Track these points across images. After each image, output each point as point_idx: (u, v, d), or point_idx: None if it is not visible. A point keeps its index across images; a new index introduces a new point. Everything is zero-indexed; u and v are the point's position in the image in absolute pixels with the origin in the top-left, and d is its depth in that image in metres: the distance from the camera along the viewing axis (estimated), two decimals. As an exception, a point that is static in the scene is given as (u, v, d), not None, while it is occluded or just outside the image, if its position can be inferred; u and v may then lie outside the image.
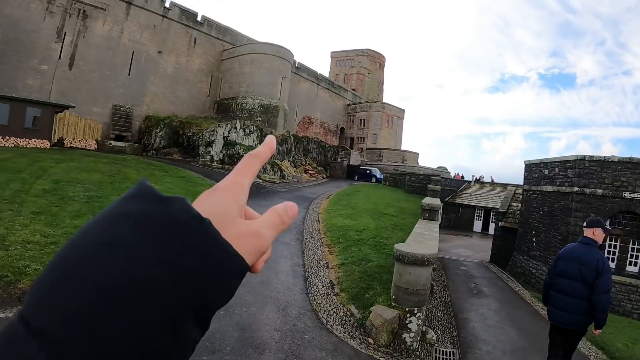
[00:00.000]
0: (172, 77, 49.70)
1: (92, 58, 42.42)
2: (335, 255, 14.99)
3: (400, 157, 69.75)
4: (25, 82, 37.84)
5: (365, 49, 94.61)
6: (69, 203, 15.06)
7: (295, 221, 19.65)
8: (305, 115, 68.76)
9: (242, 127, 43.46)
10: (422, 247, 9.59)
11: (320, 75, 73.01)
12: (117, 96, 44.44)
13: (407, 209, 27.25)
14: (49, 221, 12.66)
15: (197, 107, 51.84)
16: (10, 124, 29.25)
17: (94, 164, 24.09)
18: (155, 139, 44.17)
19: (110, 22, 43.76)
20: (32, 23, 38.46)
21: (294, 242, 16.36)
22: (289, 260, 14.03)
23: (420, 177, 41.61)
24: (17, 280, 8.74)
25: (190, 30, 51.26)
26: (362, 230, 18.60)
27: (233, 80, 51.94)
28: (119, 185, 19.59)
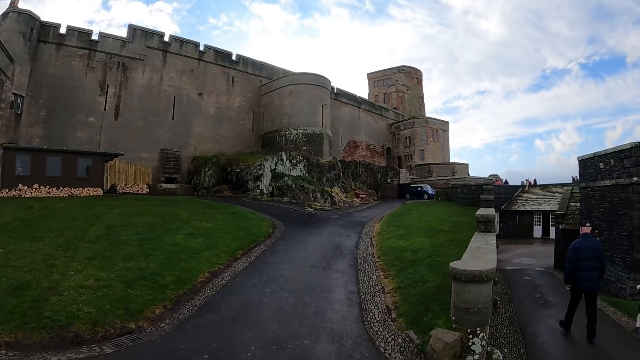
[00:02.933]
0: (215, 116, 50.64)
1: (135, 107, 44.10)
2: (391, 278, 14.26)
3: (450, 170, 68.84)
4: (75, 135, 39.79)
5: (401, 65, 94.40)
6: (122, 246, 15.34)
7: (349, 247, 19.59)
8: (350, 140, 68.66)
9: (288, 159, 43.84)
10: (479, 262, 8.95)
11: (360, 97, 73.10)
12: (164, 140, 45.64)
13: (462, 223, 25.90)
14: (102, 265, 12.92)
15: (242, 143, 52.44)
16: (63, 175, 30.42)
17: (146, 208, 24.51)
18: (205, 178, 44.83)
19: (150, 70, 45.61)
20: (76, 79, 40.71)
21: (347, 269, 15.78)
22: (343, 288, 13.42)
23: (473, 189, 40.30)
24: (69, 324, 8.99)
25: (226, 69, 52.41)
26: (417, 250, 17.73)
27: (274, 114, 52.42)
28: (170, 226, 19.82)
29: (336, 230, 24.57)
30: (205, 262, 14.80)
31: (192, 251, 15.84)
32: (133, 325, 9.37)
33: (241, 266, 15.40)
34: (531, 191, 40.08)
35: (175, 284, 12.14)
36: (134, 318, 9.63)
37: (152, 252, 14.80)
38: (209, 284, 13.00)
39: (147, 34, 46.45)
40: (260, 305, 11.26)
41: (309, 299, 11.92)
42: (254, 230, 21.87)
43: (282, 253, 17.86)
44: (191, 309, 10.83)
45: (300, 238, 21.42)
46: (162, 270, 12.92)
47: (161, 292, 11.32)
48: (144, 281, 11.78)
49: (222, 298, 11.81)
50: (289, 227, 24.65)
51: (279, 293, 12.32)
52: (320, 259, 17.06)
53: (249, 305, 11.21)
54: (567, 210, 28.08)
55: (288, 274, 14.48)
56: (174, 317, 10.15)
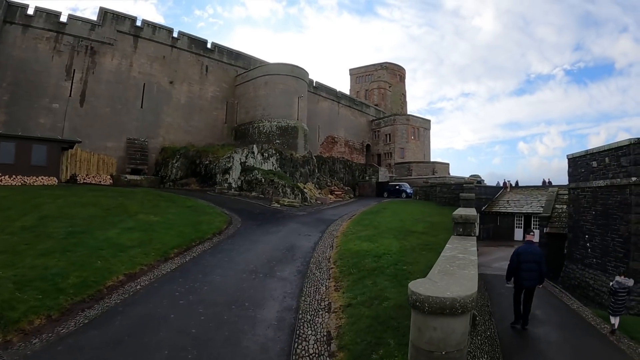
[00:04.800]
0: (186, 106, 49.60)
1: (102, 93, 42.81)
2: (342, 291, 12.27)
3: (431, 169, 67.84)
4: (38, 121, 38.41)
5: (384, 62, 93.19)
6: (43, 240, 14.58)
7: (305, 249, 18.20)
8: (329, 135, 67.82)
9: (259, 152, 42.92)
10: (453, 282, 6.38)
11: (340, 92, 72.05)
12: (131, 129, 44.50)
13: (439, 224, 24.71)
14: (6, 261, 12.17)
15: (214, 135, 51.46)
16: (16, 163, 28.94)
17: (96, 199, 23.71)
18: (172, 170, 43.81)
19: (119, 56, 44.28)
20: (41, 63, 39.29)
21: (293, 277, 13.82)
22: (279, 302, 11.44)
23: (452, 187, 39.36)
24: None
25: (200, 58, 51.32)
26: (382, 255, 15.79)
27: (249, 105, 51.40)
28: (112, 219, 19.08)
29: (297, 228, 23.48)
30: (128, 262, 13.60)
31: (119, 248, 14.83)
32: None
33: (169, 268, 14.15)
34: (513, 192, 39.42)
35: (76, 287, 10.95)
36: (5, 329, 8.55)
37: (72, 248, 13.96)
38: (119, 290, 11.66)
39: (118, 18, 44.83)
40: (162, 322, 9.56)
41: (228, 316, 10.12)
42: (204, 227, 20.73)
43: (224, 254, 16.48)
44: (80, 321, 9.50)
45: (253, 236, 20.18)
46: (69, 270, 11.89)
47: (53, 297, 10.18)
48: (40, 282, 10.79)
49: (123, 309, 10.29)
50: (246, 223, 23.64)
51: (195, 306, 10.60)
52: (265, 262, 15.46)
53: (149, 322, 9.55)
54: (553, 212, 27.29)
55: (218, 281, 12.93)
56: (54, 331, 8.92)
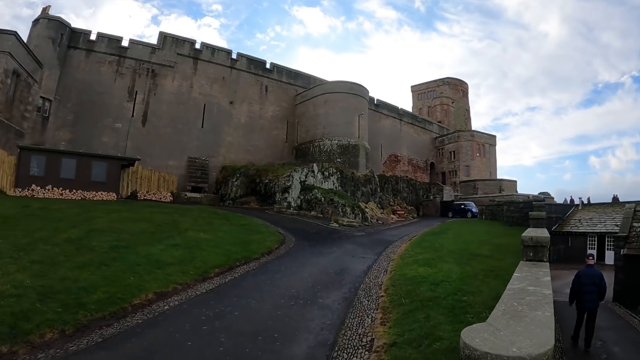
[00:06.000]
0: (247, 126, 50.18)
1: (164, 114, 44.44)
2: (389, 326, 10.31)
3: (497, 186, 65.58)
4: (101, 140, 40.49)
5: (446, 77, 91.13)
6: (84, 253, 14.51)
7: (356, 272, 16.44)
8: (391, 154, 66.72)
9: (320, 170, 42.32)
10: (521, 330, 4.78)
11: (402, 110, 71.03)
12: (192, 149, 45.52)
13: (505, 246, 22.48)
14: (39, 271, 12.03)
15: (275, 154, 51.60)
16: (77, 178, 30.64)
17: (150, 214, 23.88)
18: (232, 188, 44.10)
19: (180, 78, 45.98)
20: (104, 85, 41.68)
21: (337, 305, 12.12)
22: (314, 336, 9.82)
23: (520, 206, 37.53)
24: None
25: (260, 78, 52.00)
26: (440, 282, 13.61)
27: (309, 124, 51.38)
28: (159, 235, 18.87)
29: (352, 250, 21.94)
30: (162, 280, 13.08)
31: (157, 264, 14.42)
32: (5, 348, 8.05)
33: (204, 288, 13.35)
34: (585, 210, 37.24)
35: (100, 303, 10.57)
36: (14, 340, 8.32)
37: (109, 262, 13.75)
38: (144, 309, 11.03)
39: (177, 41, 46.94)
40: (175, 350, 8.73)
41: (250, 349, 8.85)
42: (253, 246, 19.93)
43: (267, 275, 15.44)
44: (93, 340, 9.00)
45: (304, 258, 19.13)
46: (98, 285, 11.61)
47: (73, 312, 9.86)
48: (64, 295, 10.58)
49: (141, 331, 9.56)
50: (299, 243, 22.66)
51: (217, 334, 9.49)
52: (309, 287, 13.93)
53: (162, 349, 8.80)
54: (630, 232, 25.15)
55: (252, 306, 11.73)
56: (63, 347, 8.55)
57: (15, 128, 34.43)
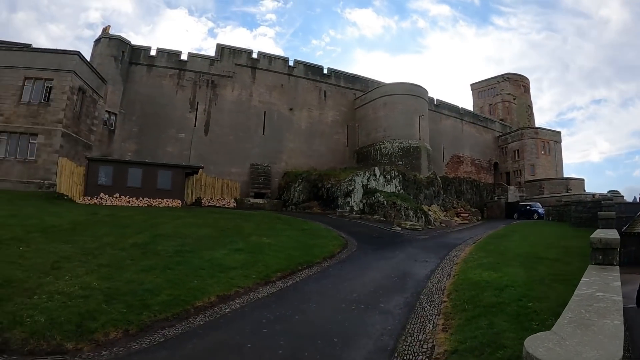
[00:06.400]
0: (307, 131, 50.46)
1: (225, 122, 45.53)
2: (450, 332, 9.87)
3: (564, 186, 62.97)
4: (166, 150, 42.17)
5: (506, 73, 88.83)
6: (149, 257, 14.91)
7: (419, 277, 15.93)
8: (454, 155, 65.25)
9: (381, 174, 41.99)
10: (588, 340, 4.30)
11: (463, 109, 69.44)
12: (254, 155, 46.21)
13: (573, 249, 21.12)
14: (106, 274, 12.43)
15: (336, 158, 51.52)
16: (143, 186, 32.10)
17: (213, 220, 24.31)
18: (294, 193, 44.40)
19: (239, 87, 47.09)
20: (166, 97, 43.63)
21: (398, 310, 11.70)
22: (373, 341, 9.47)
23: (589, 206, 35.19)
24: (7, 328, 8.51)
25: (318, 84, 52.26)
26: (505, 287, 12.81)
27: (369, 127, 50.98)
28: (223, 240, 19.11)
29: (415, 253, 21.31)
30: (224, 283, 13.17)
31: (220, 268, 14.55)
32: (70, 345, 8.35)
33: (266, 292, 13.32)
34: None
35: (163, 305, 10.79)
36: (79, 337, 8.62)
37: (174, 266, 14.03)
38: (207, 311, 11.14)
39: (235, 52, 48.07)
40: (234, 352, 8.73)
41: (308, 353, 8.72)
42: (315, 250, 19.79)
43: (329, 280, 15.22)
44: (156, 339, 9.17)
45: (365, 262, 18.82)
46: (162, 288, 11.86)
47: (137, 312, 10.11)
48: (129, 297, 10.85)
49: (202, 332, 9.72)
50: (361, 247, 22.30)
51: (277, 337, 9.40)
52: (370, 291, 13.58)
53: (221, 350, 8.85)
54: None
55: (313, 310, 11.60)
56: (127, 346, 8.78)
57: (83, 141, 36.64)
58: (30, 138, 32.66)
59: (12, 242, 14.82)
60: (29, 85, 33.58)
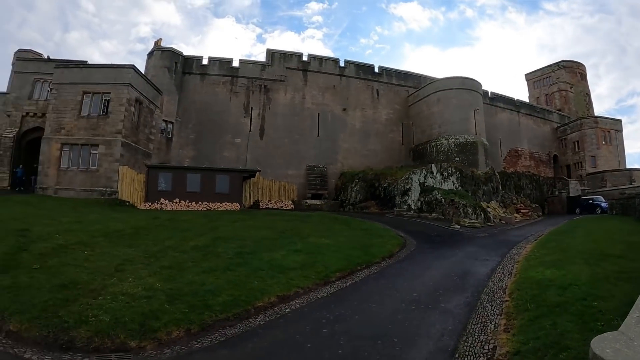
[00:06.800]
0: (361, 131, 50.29)
1: (280, 126, 46.27)
2: (512, 333, 9.44)
3: (627, 177, 59.44)
4: (222, 155, 43.44)
5: (560, 61, 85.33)
6: (210, 259, 15.12)
7: (479, 276, 15.46)
8: (511, 149, 63.50)
9: (438, 171, 41.31)
10: None
11: (519, 101, 67.26)
12: (310, 157, 46.70)
13: (639, 245, 19.73)
14: (168, 275, 12.67)
15: (392, 157, 51.13)
16: (202, 191, 33.27)
17: (272, 222, 24.59)
18: (351, 193, 44.28)
19: (291, 90, 47.76)
20: (220, 104, 44.97)
21: (459, 310, 11.41)
22: (434, 341, 9.26)
23: None
24: (73, 327, 8.81)
25: (370, 83, 52.05)
26: (568, 286, 12.12)
27: (424, 124, 50.39)
28: (282, 242, 19.18)
29: (474, 252, 20.78)
30: (284, 284, 13.17)
31: (279, 269, 14.58)
32: (134, 344, 8.58)
33: (326, 292, 13.24)
34: None
35: (224, 305, 10.88)
36: (143, 336, 8.84)
37: (234, 268, 14.14)
38: (267, 312, 11.18)
39: (285, 56, 48.87)
40: (294, 352, 8.71)
41: (368, 353, 8.56)
42: (374, 250, 19.55)
43: (388, 279, 14.91)
44: (217, 339, 9.31)
45: (425, 261, 18.42)
46: (223, 288, 11.98)
47: (199, 312, 10.24)
48: (191, 297, 11.01)
49: (262, 332, 9.76)
50: (420, 246, 21.88)
51: (337, 337, 9.32)
52: (430, 291, 13.31)
53: (281, 349, 8.82)
54: None
55: (372, 310, 11.36)
56: (188, 344, 8.94)
57: (142, 149, 38.15)
58: (91, 149, 34.32)
59: (77, 247, 15.44)
60: (88, 99, 35.44)
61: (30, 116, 40.25)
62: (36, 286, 10.94)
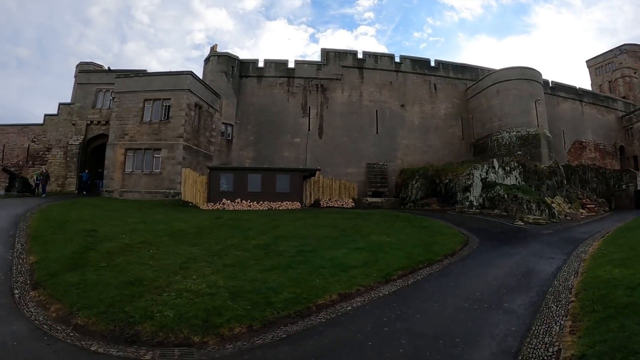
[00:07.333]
0: (420, 127, 49.60)
1: (338, 124, 46.39)
2: (579, 335, 8.98)
3: (697, 168, 56.50)
4: (282, 155, 44.23)
5: (622, 45, 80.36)
6: (272, 257, 15.27)
7: (544, 275, 14.86)
8: (575, 140, 60.39)
9: (500, 166, 40.28)
10: None
11: (581, 89, 63.80)
12: (369, 155, 46.46)
13: None
14: (231, 273, 12.90)
15: (452, 152, 50.18)
16: (263, 191, 33.89)
17: (332, 220, 24.60)
18: (412, 190, 43.67)
19: (348, 88, 47.76)
20: (278, 105, 45.78)
21: (523, 310, 11.06)
22: (497, 342, 9.06)
23: None
24: (138, 322, 9.17)
25: (427, 77, 51.20)
26: (637, 285, 11.45)
27: (484, 117, 49.28)
28: (343, 240, 19.15)
29: (539, 249, 20.07)
30: (345, 282, 13.08)
31: (341, 267, 14.53)
32: (197, 338, 8.79)
33: (387, 290, 13.05)
34: None
35: (286, 303, 10.93)
36: (206, 331, 9.05)
37: (296, 266, 14.23)
38: (328, 309, 11.14)
39: (340, 55, 48.94)
40: (355, 350, 8.68)
41: (430, 352, 8.47)
42: (435, 248, 19.18)
43: (451, 278, 14.62)
44: (278, 335, 9.36)
45: (488, 259, 17.95)
46: (285, 286, 12.06)
47: (261, 309, 10.34)
48: (253, 295, 11.15)
49: (324, 329, 9.76)
50: (483, 244, 21.35)
51: (398, 336, 9.21)
52: (494, 290, 13.01)
53: (342, 347, 8.84)
54: None
55: (435, 309, 11.22)
56: (250, 340, 9.03)
57: (203, 152, 39.48)
58: (154, 153, 35.77)
59: (143, 246, 16.05)
60: (149, 106, 37.06)
61: (95, 124, 42.98)
62: (103, 283, 11.43)
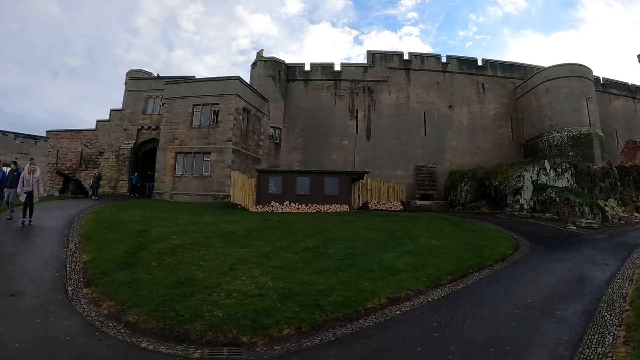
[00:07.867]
0: (469, 128, 48.88)
1: (386, 126, 46.37)
2: (632, 347, 8.57)
3: None
4: (330, 158, 44.60)
5: None
6: (321, 260, 15.29)
7: (597, 282, 14.34)
8: (629, 140, 57.24)
9: (551, 167, 39.21)
10: None
11: (633, 85, 60.70)
12: (418, 157, 46.24)
13: None
14: (280, 275, 12.98)
15: (501, 154, 49.17)
16: (311, 193, 34.41)
17: (381, 223, 24.61)
18: (461, 193, 43.08)
19: (395, 90, 47.70)
20: (325, 108, 46.27)
21: (576, 319, 10.62)
22: (548, 352, 8.66)
23: None
24: (188, 321, 9.31)
25: (474, 77, 50.37)
26: None
27: (533, 117, 48.11)
28: (392, 243, 19.09)
29: (592, 255, 19.37)
30: (394, 286, 12.92)
31: (390, 271, 14.38)
32: (246, 339, 8.89)
33: (437, 295, 12.84)
34: None
35: (335, 305, 10.87)
36: (254, 332, 9.14)
37: (345, 269, 14.19)
38: (376, 313, 10.99)
39: (385, 56, 48.92)
40: (403, 355, 8.53)
41: None
42: (485, 252, 18.79)
43: (501, 283, 14.29)
44: (326, 338, 9.32)
45: (539, 265, 17.41)
46: (334, 289, 12.01)
47: (309, 311, 10.34)
48: (302, 297, 11.18)
49: (372, 333, 9.58)
50: (534, 249, 20.74)
51: (447, 342, 9.05)
52: (545, 297, 12.60)
53: (390, 352, 8.65)
54: None
55: (485, 315, 10.93)
56: (298, 342, 9.05)
57: (252, 155, 40.16)
58: (204, 156, 36.66)
59: (193, 247, 16.35)
60: (198, 111, 38.08)
61: (145, 129, 44.56)
62: (154, 282, 11.68)
